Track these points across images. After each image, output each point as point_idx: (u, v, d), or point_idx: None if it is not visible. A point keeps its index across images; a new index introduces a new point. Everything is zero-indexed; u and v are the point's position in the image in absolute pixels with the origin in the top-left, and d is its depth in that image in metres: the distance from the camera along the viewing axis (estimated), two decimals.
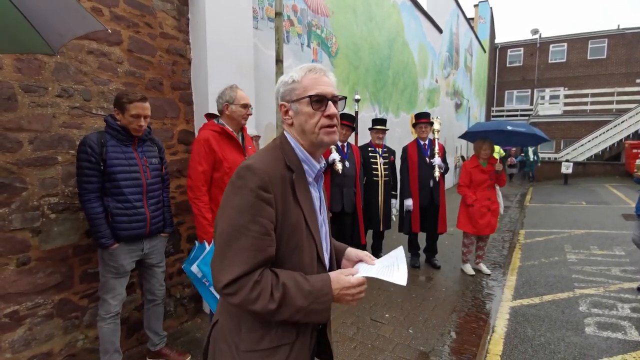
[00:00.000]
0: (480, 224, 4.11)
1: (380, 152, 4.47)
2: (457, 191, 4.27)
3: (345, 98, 1.11)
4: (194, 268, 2.27)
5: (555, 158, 16.50)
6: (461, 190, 4.23)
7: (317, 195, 1.13)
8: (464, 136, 4.56)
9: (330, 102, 1.05)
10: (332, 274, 1.04)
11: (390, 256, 1.17)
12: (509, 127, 4.07)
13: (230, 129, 2.44)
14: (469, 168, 4.18)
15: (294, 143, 1.08)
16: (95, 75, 2.38)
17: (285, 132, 1.12)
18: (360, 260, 1.18)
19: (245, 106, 2.44)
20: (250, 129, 3.26)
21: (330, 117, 1.05)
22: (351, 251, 1.23)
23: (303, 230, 1.03)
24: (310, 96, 1.03)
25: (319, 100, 1.03)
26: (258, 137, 3.31)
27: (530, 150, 14.38)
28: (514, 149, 14.92)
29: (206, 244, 2.35)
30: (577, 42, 22.24)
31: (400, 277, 1.05)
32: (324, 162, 1.16)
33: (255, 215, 0.94)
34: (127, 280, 2.28)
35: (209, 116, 2.53)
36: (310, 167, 1.10)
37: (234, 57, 3.10)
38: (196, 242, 2.45)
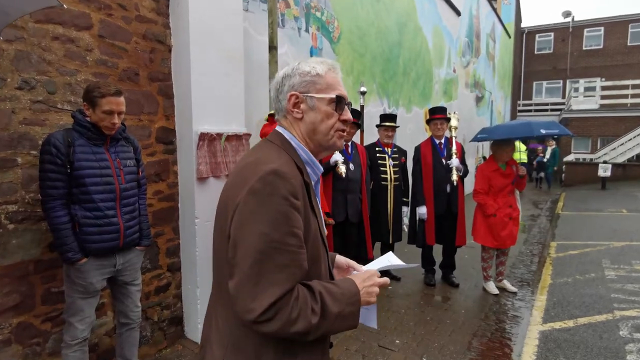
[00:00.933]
0: (502, 236, 4.10)
1: (389, 153, 4.47)
2: (473, 199, 4.24)
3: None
4: None
5: (592, 159, 16.50)
6: (479, 197, 4.19)
7: (318, 199, 1.17)
8: (481, 139, 4.50)
9: (346, 107, 1.13)
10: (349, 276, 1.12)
11: (381, 259, 1.27)
12: (543, 131, 4.06)
13: None
14: (487, 172, 4.16)
15: (295, 143, 1.09)
16: (61, 65, 2.39)
17: (281, 130, 1.11)
18: (349, 267, 1.28)
19: None
20: (239, 127, 3.26)
21: (345, 122, 1.13)
22: (340, 259, 1.31)
23: (319, 239, 1.07)
24: (336, 96, 1.09)
25: (340, 102, 1.10)
26: (248, 135, 3.32)
27: (550, 149, 14.26)
28: (539, 147, 14.88)
29: None
30: (616, 26, 22.34)
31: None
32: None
33: (291, 226, 0.94)
34: (97, 301, 2.27)
35: (273, 116, 2.79)
36: (314, 169, 1.13)
37: (221, 44, 3.11)
38: None
